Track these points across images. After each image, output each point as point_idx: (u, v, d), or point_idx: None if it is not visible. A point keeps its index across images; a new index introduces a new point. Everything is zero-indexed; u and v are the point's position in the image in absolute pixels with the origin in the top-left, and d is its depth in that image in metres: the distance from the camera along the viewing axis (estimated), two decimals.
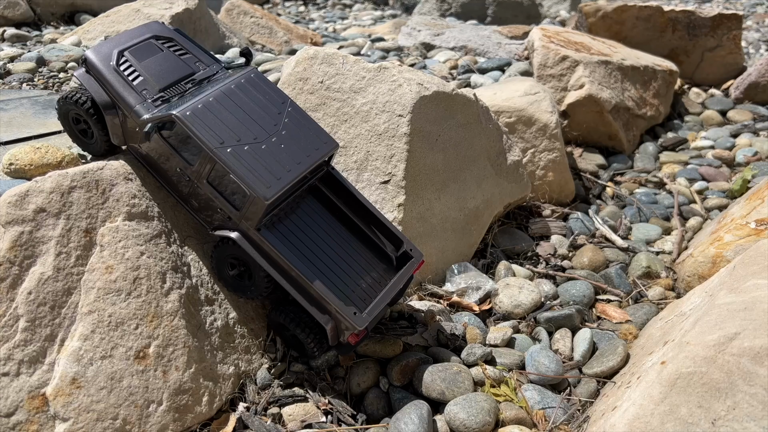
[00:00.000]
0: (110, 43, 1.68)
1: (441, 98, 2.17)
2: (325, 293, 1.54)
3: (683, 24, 4.09)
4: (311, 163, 1.61)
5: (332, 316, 1.56)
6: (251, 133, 1.56)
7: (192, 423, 1.54)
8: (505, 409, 1.65)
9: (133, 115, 1.58)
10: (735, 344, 1.35)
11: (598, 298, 2.18)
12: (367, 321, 1.56)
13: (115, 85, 1.60)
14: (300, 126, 1.65)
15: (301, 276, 1.54)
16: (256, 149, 1.54)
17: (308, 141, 1.63)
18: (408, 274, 1.72)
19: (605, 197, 2.92)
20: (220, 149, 1.50)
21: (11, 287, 1.48)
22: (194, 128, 1.50)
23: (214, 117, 1.55)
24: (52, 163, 1.75)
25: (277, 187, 1.51)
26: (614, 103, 3.24)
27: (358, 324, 1.54)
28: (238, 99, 1.61)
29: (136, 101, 1.59)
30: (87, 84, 1.61)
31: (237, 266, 1.65)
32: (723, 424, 1.29)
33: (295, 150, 1.60)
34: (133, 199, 1.64)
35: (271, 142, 1.57)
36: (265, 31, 4.59)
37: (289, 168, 1.56)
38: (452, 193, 2.21)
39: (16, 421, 1.40)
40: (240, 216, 1.54)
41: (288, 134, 1.61)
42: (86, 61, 1.64)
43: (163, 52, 1.71)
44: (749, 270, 1.59)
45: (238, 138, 1.53)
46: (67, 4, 4.60)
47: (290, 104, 1.68)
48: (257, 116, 1.60)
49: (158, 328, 1.55)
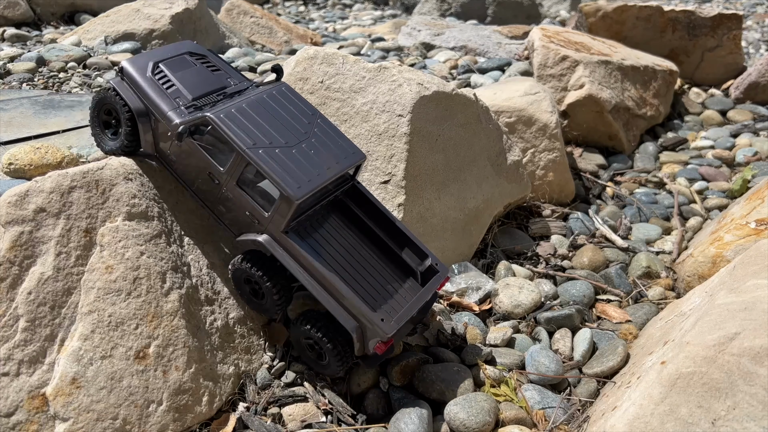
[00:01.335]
0: (146, 55, 1.74)
1: (441, 98, 2.17)
2: (352, 298, 1.53)
3: (683, 24, 4.09)
4: (340, 170, 1.62)
5: (359, 323, 1.55)
6: (282, 138, 1.59)
7: (192, 423, 1.54)
8: (505, 409, 1.65)
9: (166, 120, 1.61)
10: (735, 344, 1.35)
11: (598, 298, 2.18)
12: (395, 329, 1.54)
13: (149, 92, 1.64)
14: (329, 136, 1.68)
15: (328, 279, 1.53)
16: (287, 152, 1.56)
17: (337, 150, 1.66)
18: (433, 288, 1.70)
19: (605, 197, 2.92)
20: (253, 149, 1.52)
21: (11, 287, 1.48)
22: (227, 129, 1.52)
23: (247, 121, 1.57)
24: (52, 163, 1.75)
25: (307, 188, 1.52)
26: (614, 103, 3.24)
27: (386, 330, 1.52)
28: (269, 107, 1.65)
29: (169, 107, 1.62)
30: (122, 91, 1.65)
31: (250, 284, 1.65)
32: (723, 424, 1.29)
33: (325, 156, 1.62)
34: (133, 199, 1.64)
35: (301, 147, 1.60)
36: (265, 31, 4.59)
37: (318, 172, 1.57)
38: (452, 193, 2.21)
39: (16, 421, 1.40)
40: (269, 218, 1.55)
41: (318, 142, 1.64)
42: (122, 70, 1.68)
43: (196, 67, 1.77)
44: (749, 270, 1.59)
45: (269, 141, 1.56)
46: (67, 4, 4.60)
47: (319, 116, 1.71)
48: (288, 124, 1.63)
49: (158, 328, 1.55)
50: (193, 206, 1.81)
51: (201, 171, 1.62)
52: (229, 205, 1.62)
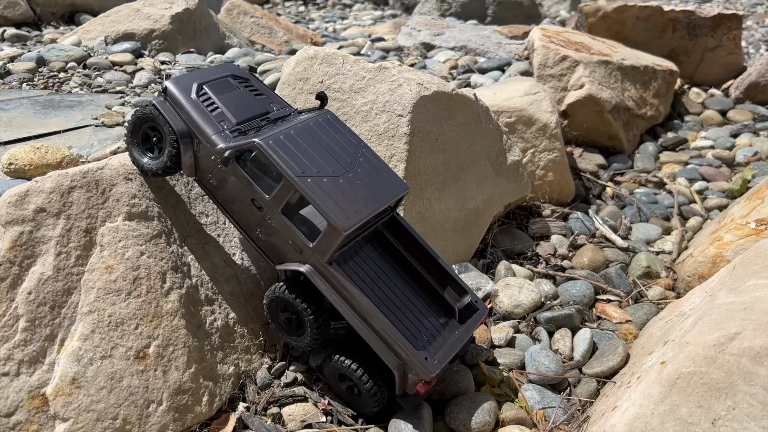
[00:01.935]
0: (190, 77, 1.71)
1: (441, 98, 2.17)
2: (396, 335, 1.49)
3: (683, 24, 4.09)
4: (386, 201, 1.60)
5: (402, 360, 1.51)
6: (330, 167, 1.56)
7: (192, 423, 1.54)
8: (505, 409, 1.65)
9: (210, 144, 1.58)
10: (735, 344, 1.35)
11: (598, 298, 2.18)
12: (439, 368, 1.50)
13: (193, 114, 1.61)
14: (374, 167, 1.65)
15: (371, 314, 1.49)
16: (335, 182, 1.54)
17: (382, 181, 1.63)
18: (474, 327, 1.66)
19: (605, 197, 2.92)
20: (301, 178, 1.49)
21: (11, 287, 1.48)
22: (276, 156, 1.50)
23: (295, 148, 1.54)
24: (52, 163, 1.75)
25: (354, 219, 1.50)
26: (614, 103, 3.24)
27: (430, 370, 1.48)
28: (315, 135, 1.62)
29: (213, 131, 1.59)
30: (165, 112, 1.62)
31: (288, 313, 1.61)
32: (723, 424, 1.29)
33: (371, 187, 1.59)
34: (133, 199, 1.64)
35: (348, 177, 1.57)
36: (265, 31, 4.59)
37: (365, 203, 1.55)
38: (452, 193, 2.21)
39: (16, 421, 1.40)
40: (313, 248, 1.51)
41: (363, 173, 1.61)
42: (166, 91, 1.65)
43: (240, 90, 1.74)
44: (749, 270, 1.59)
45: (317, 170, 1.53)
46: (67, 4, 4.60)
47: (364, 146, 1.69)
48: (334, 153, 1.61)
49: (158, 328, 1.55)
50: (193, 205, 1.81)
51: (243, 196, 1.58)
52: (271, 233, 1.57)
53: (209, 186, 1.63)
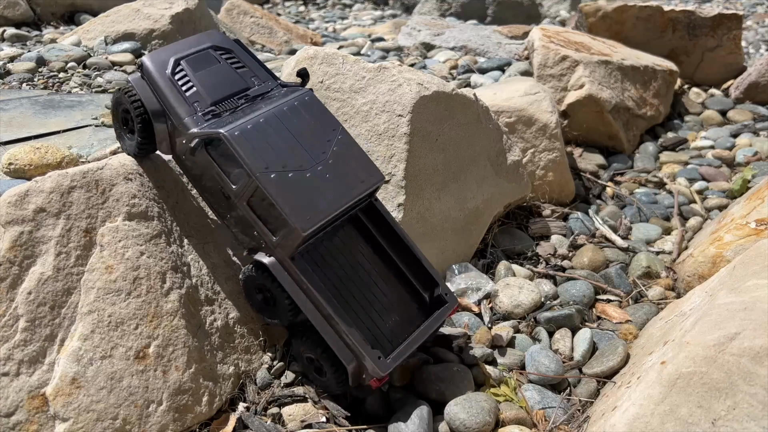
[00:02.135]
0: (168, 50, 1.66)
1: (441, 98, 2.17)
2: (352, 333, 1.49)
3: (683, 24, 4.09)
4: (355, 196, 1.57)
5: (356, 357, 1.52)
6: (298, 159, 1.53)
7: (192, 423, 1.54)
8: (505, 409, 1.65)
9: (182, 127, 1.57)
10: (735, 344, 1.35)
11: (598, 298, 2.18)
12: (391, 368, 1.51)
13: (167, 94, 1.58)
14: (348, 156, 1.61)
15: (329, 312, 1.50)
16: (301, 177, 1.50)
17: (355, 173, 1.59)
18: (440, 320, 1.66)
19: (605, 197, 2.92)
20: (264, 174, 1.46)
21: (11, 287, 1.48)
22: (240, 150, 1.46)
23: (262, 139, 1.51)
24: (52, 163, 1.75)
25: (315, 219, 1.48)
26: (614, 103, 3.24)
27: (381, 369, 1.50)
28: (288, 122, 1.58)
29: (186, 113, 1.57)
30: (140, 90, 1.60)
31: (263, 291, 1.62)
32: (723, 424, 1.29)
33: (340, 182, 1.55)
34: (133, 199, 1.64)
35: (317, 170, 1.53)
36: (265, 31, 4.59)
37: (331, 200, 1.52)
38: (452, 193, 2.21)
39: (16, 421, 1.40)
40: (275, 243, 1.51)
41: (335, 164, 1.57)
42: (142, 67, 1.63)
43: (220, 64, 1.68)
44: (749, 270, 1.59)
45: (284, 164, 1.50)
46: (67, 4, 4.60)
47: (341, 132, 1.63)
48: (306, 142, 1.57)
49: (158, 328, 1.55)
50: (193, 206, 1.81)
51: (213, 183, 1.58)
52: (239, 221, 1.58)
53: (184, 166, 1.62)
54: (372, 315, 1.61)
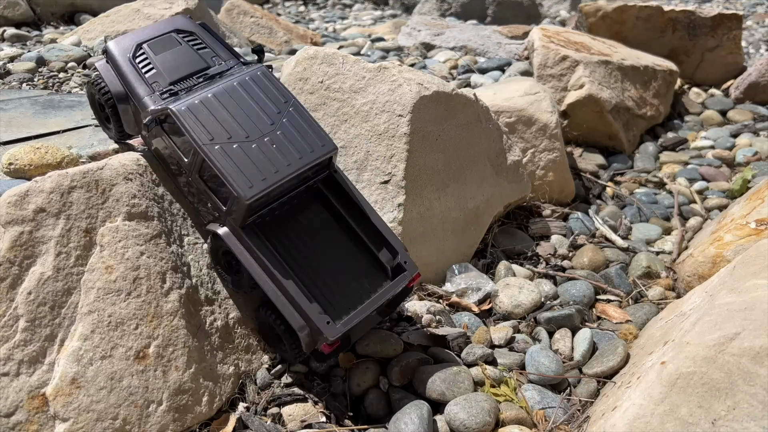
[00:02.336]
0: (132, 35, 1.73)
1: (441, 98, 2.17)
2: (300, 299, 1.52)
3: (683, 24, 4.09)
4: (303, 165, 1.59)
5: (307, 324, 1.54)
6: (244, 131, 1.57)
7: (192, 423, 1.54)
8: (505, 409, 1.65)
9: (142, 106, 1.64)
10: (735, 344, 1.35)
11: (598, 298, 2.18)
12: (340, 332, 1.52)
13: (129, 76, 1.66)
14: (298, 127, 1.63)
15: (279, 279, 1.53)
16: (246, 148, 1.54)
17: (304, 142, 1.61)
18: (397, 286, 1.67)
19: (605, 197, 2.92)
20: (209, 146, 1.52)
21: (11, 287, 1.48)
22: (186, 123, 1.53)
23: (209, 113, 1.56)
24: (52, 163, 1.75)
25: (259, 187, 1.51)
26: (614, 103, 3.24)
27: (329, 334, 1.51)
28: (237, 96, 1.62)
29: (145, 93, 1.64)
30: (104, 74, 1.69)
31: (226, 258, 1.67)
32: (723, 424, 1.29)
33: (287, 151, 1.58)
34: (133, 199, 1.64)
35: (263, 141, 1.57)
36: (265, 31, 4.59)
37: (276, 169, 1.54)
38: (452, 193, 2.21)
39: (16, 421, 1.40)
40: (226, 213, 1.57)
41: (283, 134, 1.60)
42: (106, 52, 1.71)
43: (181, 46, 1.74)
44: (749, 270, 1.59)
45: (229, 135, 1.54)
46: (67, 4, 4.60)
47: (293, 104, 1.66)
48: (254, 115, 1.60)
49: (158, 328, 1.55)
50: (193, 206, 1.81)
51: (172, 159, 1.65)
52: (194, 194, 1.65)
53: (148, 144, 1.70)
54: (326, 283, 1.63)
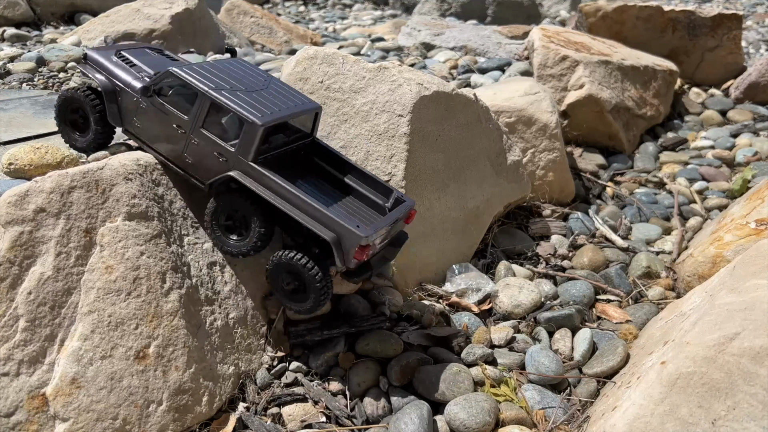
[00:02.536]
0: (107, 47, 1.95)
1: (441, 98, 2.17)
2: (326, 211, 1.59)
3: (683, 24, 4.09)
4: (299, 110, 1.73)
5: (336, 233, 1.59)
6: (242, 85, 1.72)
7: (192, 423, 1.54)
8: (505, 409, 1.65)
9: (131, 89, 1.76)
10: (735, 344, 1.35)
11: (598, 298, 2.18)
12: (370, 233, 1.59)
13: (115, 69, 1.81)
14: (285, 89, 1.79)
15: (301, 198, 1.59)
16: (248, 94, 1.69)
17: (294, 98, 1.77)
18: (401, 213, 1.74)
19: (605, 197, 2.92)
20: (215, 90, 1.65)
21: (11, 287, 1.48)
22: (189, 76, 1.66)
23: (207, 73, 1.71)
24: (52, 163, 1.75)
25: (269, 117, 1.63)
26: (614, 103, 3.24)
27: (362, 233, 1.57)
28: (225, 68, 1.78)
29: (134, 79, 1.79)
30: (90, 72, 1.82)
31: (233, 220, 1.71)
32: (723, 424, 1.29)
33: (282, 100, 1.72)
34: (133, 199, 1.64)
35: (260, 93, 1.72)
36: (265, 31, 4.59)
37: (278, 108, 1.68)
38: (452, 193, 2.20)
39: (16, 421, 1.40)
40: (236, 151, 1.63)
41: (275, 91, 1.76)
42: (86, 57, 1.88)
43: (156, 55, 1.99)
44: (749, 270, 1.59)
45: (230, 86, 1.69)
46: (67, 4, 4.60)
47: (274, 79, 1.82)
48: (246, 78, 1.76)
49: (158, 328, 1.55)
50: (193, 206, 1.81)
51: (166, 127, 1.71)
52: (196, 152, 1.70)
53: (136, 130, 1.78)
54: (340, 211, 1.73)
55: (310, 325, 1.81)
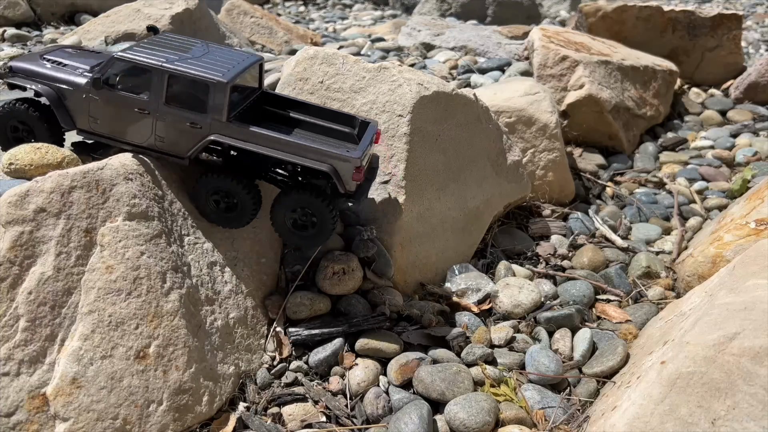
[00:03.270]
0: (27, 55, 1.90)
1: (441, 98, 2.17)
2: (314, 145, 1.66)
3: (683, 24, 4.09)
4: (249, 63, 1.76)
5: (329, 160, 1.65)
6: (187, 54, 1.74)
7: (192, 423, 1.54)
8: (505, 409, 1.65)
9: (76, 87, 1.73)
10: (735, 344, 1.35)
11: (598, 298, 2.18)
12: (360, 154, 1.66)
13: (51, 73, 1.77)
14: (226, 50, 1.83)
15: (287, 139, 1.65)
16: (197, 60, 1.71)
17: (237, 55, 1.80)
18: (372, 133, 1.80)
19: (605, 197, 2.92)
20: (167, 64, 1.66)
21: (11, 287, 1.48)
22: (137, 56, 1.67)
23: (152, 49, 1.72)
24: (53, 163, 1.75)
25: (230, 73, 1.66)
26: (614, 103, 3.24)
27: (354, 155, 1.65)
28: (164, 41, 1.80)
29: (76, 76, 1.76)
30: (23, 83, 1.77)
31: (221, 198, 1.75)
32: (723, 424, 1.29)
33: (229, 59, 1.75)
34: (134, 199, 1.64)
35: (206, 57, 1.74)
36: (265, 31, 4.59)
37: (232, 65, 1.71)
38: (452, 193, 2.21)
39: (16, 421, 1.40)
40: (209, 114, 1.65)
41: (218, 54, 1.78)
42: (12, 69, 1.81)
43: (78, 52, 1.96)
44: (749, 270, 1.59)
45: (176, 57, 1.70)
46: (67, 4, 4.60)
47: (212, 43, 1.86)
48: (185, 47, 1.78)
49: (158, 328, 1.55)
50: (193, 206, 1.81)
51: (127, 113, 1.70)
52: (166, 129, 1.70)
53: (93, 127, 1.75)
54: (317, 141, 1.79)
55: (310, 324, 1.81)
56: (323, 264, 1.90)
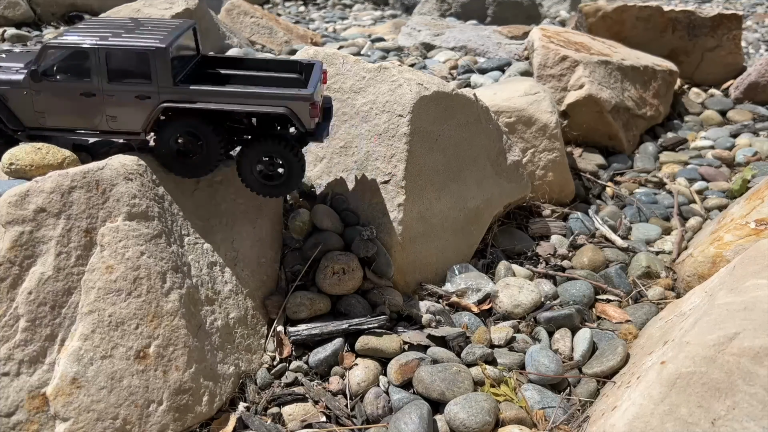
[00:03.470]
0: None
1: (441, 98, 2.17)
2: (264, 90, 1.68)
3: (683, 24, 4.09)
4: (183, 29, 1.78)
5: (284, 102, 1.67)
6: (120, 30, 1.73)
7: (192, 423, 1.54)
8: (505, 409, 1.65)
9: (15, 85, 1.69)
10: (735, 344, 1.35)
11: (598, 298, 2.18)
12: (312, 90, 1.69)
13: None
14: (153, 20, 1.85)
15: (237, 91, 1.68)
16: (131, 34, 1.70)
17: (168, 23, 1.81)
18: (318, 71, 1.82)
19: (605, 197, 2.92)
20: (103, 40, 1.65)
21: (11, 287, 1.48)
22: (69, 40, 1.66)
23: (83, 30, 1.71)
24: (53, 163, 1.75)
25: (167, 39, 1.67)
26: (614, 103, 3.24)
27: (306, 92, 1.68)
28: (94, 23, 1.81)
29: (11, 75, 1.71)
30: None
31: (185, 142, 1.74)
32: (723, 423, 1.29)
33: (163, 29, 1.75)
34: (134, 199, 1.64)
35: (139, 29, 1.74)
36: (265, 31, 4.59)
37: (166, 34, 1.71)
38: (452, 193, 2.21)
39: (16, 421, 1.40)
40: (156, 82, 1.65)
41: (151, 26, 1.79)
42: None
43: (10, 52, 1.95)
44: (749, 270, 1.59)
45: (111, 33, 1.69)
46: (67, 4, 4.60)
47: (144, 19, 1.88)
48: (118, 26, 1.78)
49: (158, 328, 1.55)
50: (193, 206, 1.81)
51: (73, 101, 1.69)
52: (116, 108, 1.69)
53: (42, 122, 1.73)
54: None
55: (310, 324, 1.81)
56: (323, 264, 1.90)
